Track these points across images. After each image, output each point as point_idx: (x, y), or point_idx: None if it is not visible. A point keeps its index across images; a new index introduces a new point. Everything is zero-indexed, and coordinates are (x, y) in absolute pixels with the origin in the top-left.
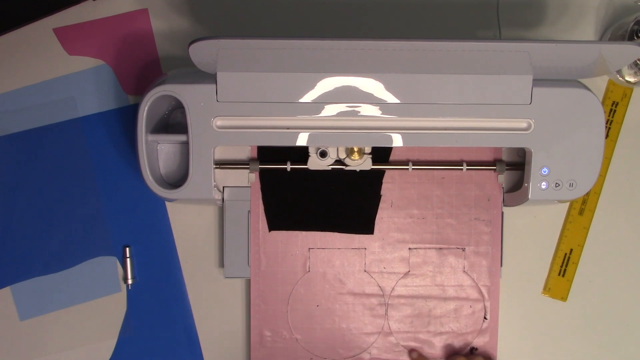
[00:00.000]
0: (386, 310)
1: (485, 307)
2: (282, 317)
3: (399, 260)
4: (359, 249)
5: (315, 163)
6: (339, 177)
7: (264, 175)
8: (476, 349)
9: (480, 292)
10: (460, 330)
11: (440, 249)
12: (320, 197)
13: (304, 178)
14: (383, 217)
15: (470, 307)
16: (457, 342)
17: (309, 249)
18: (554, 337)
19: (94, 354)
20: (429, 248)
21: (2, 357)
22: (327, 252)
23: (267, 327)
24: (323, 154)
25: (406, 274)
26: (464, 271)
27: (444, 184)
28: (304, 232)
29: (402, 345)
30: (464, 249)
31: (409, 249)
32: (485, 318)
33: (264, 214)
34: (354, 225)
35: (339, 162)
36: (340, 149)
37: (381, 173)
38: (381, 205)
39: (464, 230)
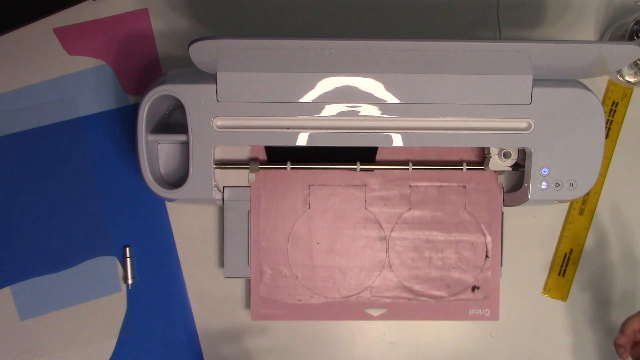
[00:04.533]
0: (387, 248)
1: (486, 245)
2: (282, 254)
3: (399, 198)
4: (359, 185)
5: (496, 164)
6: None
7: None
8: (478, 287)
9: (482, 230)
10: (462, 268)
11: (441, 186)
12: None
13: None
14: (384, 154)
15: (472, 245)
16: (459, 281)
17: (309, 185)
18: (554, 337)
19: (94, 354)
20: (430, 185)
21: (2, 357)
22: (327, 188)
23: (267, 264)
24: (507, 155)
25: (407, 211)
26: (465, 209)
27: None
28: (304, 170)
29: (403, 284)
30: (465, 187)
31: (410, 186)
32: (486, 256)
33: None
34: (355, 154)
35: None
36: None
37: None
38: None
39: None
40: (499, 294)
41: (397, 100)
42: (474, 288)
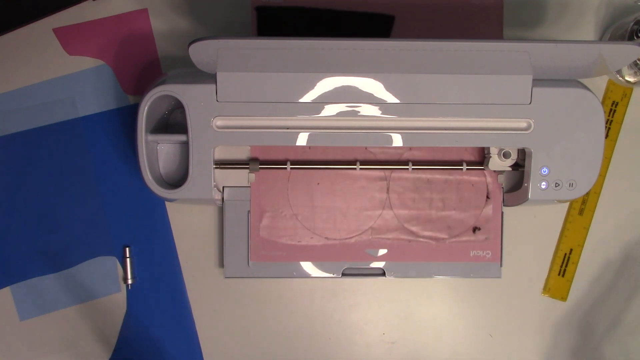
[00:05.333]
0: (387, 189)
1: (487, 186)
2: (282, 194)
3: None
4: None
5: (496, 164)
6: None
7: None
8: (479, 228)
9: (482, 172)
10: (463, 209)
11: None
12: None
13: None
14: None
15: (473, 186)
16: (460, 221)
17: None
18: (554, 337)
19: (94, 354)
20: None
21: (2, 357)
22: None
23: (267, 205)
24: (507, 155)
25: (408, 152)
26: (466, 149)
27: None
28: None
29: (403, 225)
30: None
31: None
32: (487, 197)
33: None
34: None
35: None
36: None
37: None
38: None
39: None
40: (500, 235)
41: (397, 100)
42: (474, 229)
